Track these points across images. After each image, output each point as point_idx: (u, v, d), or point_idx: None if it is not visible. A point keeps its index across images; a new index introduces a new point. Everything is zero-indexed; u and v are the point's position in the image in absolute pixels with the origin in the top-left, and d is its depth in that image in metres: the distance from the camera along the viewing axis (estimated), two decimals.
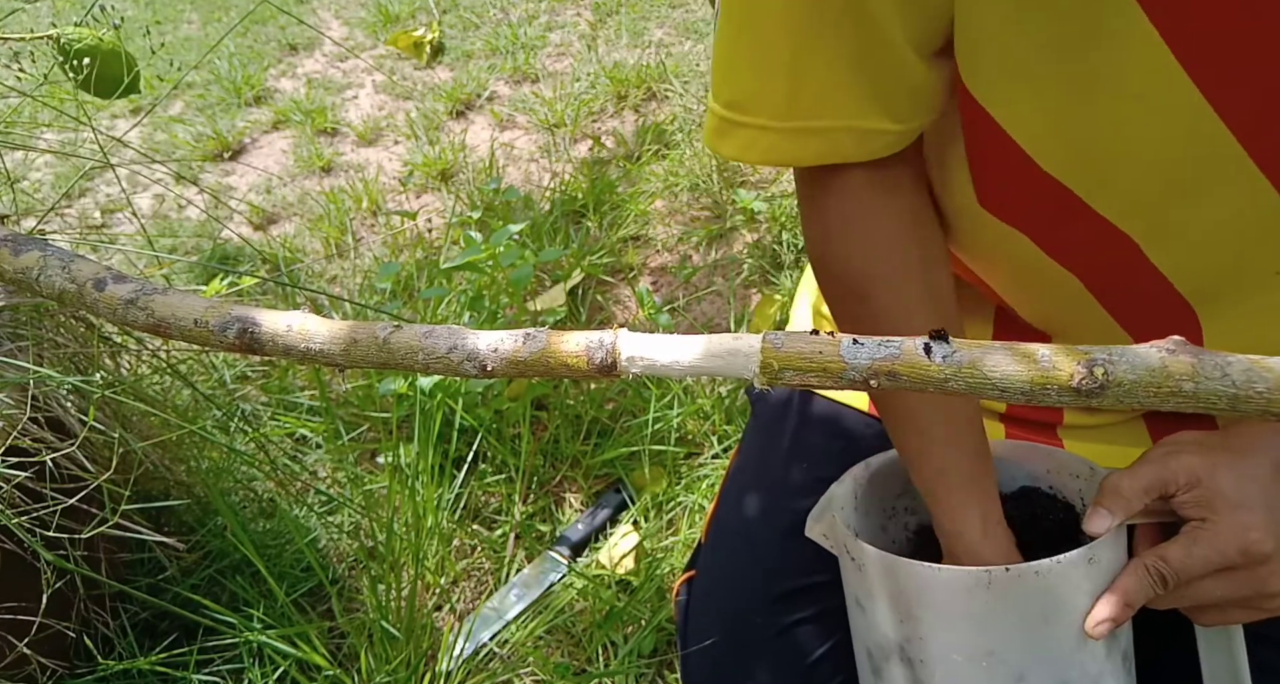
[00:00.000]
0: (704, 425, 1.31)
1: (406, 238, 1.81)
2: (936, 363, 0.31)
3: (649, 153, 1.87)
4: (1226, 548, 0.53)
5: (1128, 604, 0.55)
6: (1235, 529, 0.53)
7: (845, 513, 0.68)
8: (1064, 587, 0.56)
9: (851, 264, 0.62)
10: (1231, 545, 0.53)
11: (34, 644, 0.84)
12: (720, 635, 0.74)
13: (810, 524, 0.67)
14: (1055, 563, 0.55)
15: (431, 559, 1.14)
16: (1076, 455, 0.67)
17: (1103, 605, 0.56)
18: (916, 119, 0.58)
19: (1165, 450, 0.57)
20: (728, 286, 1.55)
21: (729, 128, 0.59)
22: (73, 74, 0.76)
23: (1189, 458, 0.56)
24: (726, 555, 0.79)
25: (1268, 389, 0.28)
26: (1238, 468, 0.55)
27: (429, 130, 2.13)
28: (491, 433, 1.27)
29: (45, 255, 0.42)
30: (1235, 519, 0.53)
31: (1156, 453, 0.57)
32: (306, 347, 0.37)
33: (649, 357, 0.34)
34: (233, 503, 1.20)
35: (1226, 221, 0.55)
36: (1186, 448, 0.57)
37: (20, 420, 0.80)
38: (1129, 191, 0.55)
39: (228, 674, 0.98)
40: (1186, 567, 0.54)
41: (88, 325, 0.96)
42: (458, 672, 1.02)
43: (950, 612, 0.58)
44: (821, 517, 0.67)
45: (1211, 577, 0.54)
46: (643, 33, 2.28)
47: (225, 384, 1.46)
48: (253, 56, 2.57)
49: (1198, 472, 0.55)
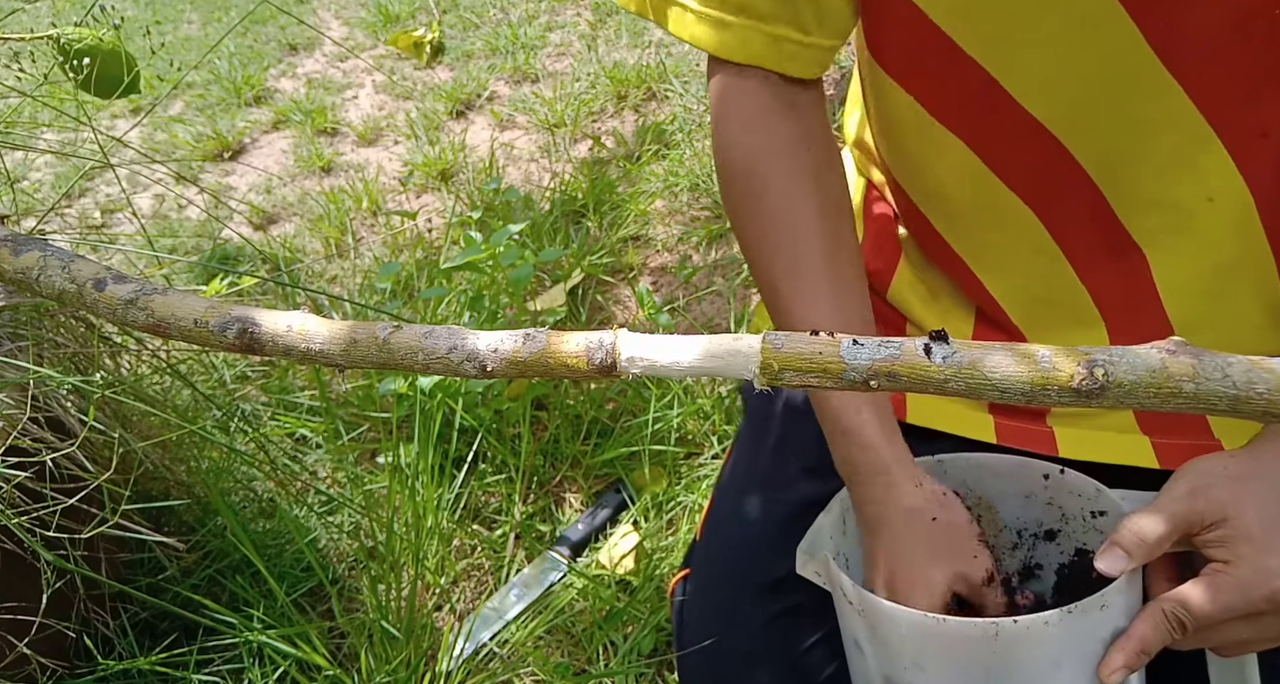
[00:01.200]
0: (704, 425, 1.31)
1: (406, 238, 1.81)
2: (936, 364, 0.31)
3: (649, 153, 1.87)
4: (1252, 595, 0.51)
5: (1144, 651, 0.54)
6: (1261, 575, 0.51)
7: (836, 542, 0.68)
8: (1076, 634, 0.54)
9: (746, 162, 0.68)
10: (1257, 593, 0.51)
11: (34, 644, 0.84)
12: (715, 628, 0.75)
13: (802, 561, 0.67)
14: (1066, 612, 0.53)
15: (431, 559, 1.14)
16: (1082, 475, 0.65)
17: (1118, 653, 0.54)
18: (822, 35, 0.64)
19: (1192, 485, 0.55)
20: (728, 286, 1.55)
21: (665, 3, 0.66)
22: (73, 74, 0.75)
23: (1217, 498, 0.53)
24: (719, 549, 0.79)
25: (1268, 390, 0.28)
26: (1263, 498, 0.53)
27: (429, 130, 2.13)
28: (491, 433, 1.27)
29: (45, 255, 0.42)
30: (1261, 564, 0.51)
31: (1182, 489, 0.55)
32: (306, 347, 0.37)
33: (649, 357, 0.34)
34: (233, 503, 1.20)
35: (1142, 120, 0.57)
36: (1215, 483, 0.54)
37: (20, 420, 0.80)
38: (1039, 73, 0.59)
39: (228, 674, 0.98)
40: (1208, 614, 0.52)
41: (88, 325, 0.96)
42: (458, 672, 1.02)
43: (955, 662, 0.56)
44: (813, 552, 0.66)
45: (1234, 621, 0.53)
46: (643, 33, 2.28)
47: (225, 384, 1.46)
48: (253, 56, 2.57)
49: (1226, 510, 0.53)
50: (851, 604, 0.60)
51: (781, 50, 0.64)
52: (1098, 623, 0.54)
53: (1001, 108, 0.61)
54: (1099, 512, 0.65)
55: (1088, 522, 0.66)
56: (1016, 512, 0.70)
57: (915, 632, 0.57)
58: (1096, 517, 0.65)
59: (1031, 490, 0.68)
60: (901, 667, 0.58)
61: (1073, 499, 0.66)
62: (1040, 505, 0.68)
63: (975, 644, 0.55)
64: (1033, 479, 0.67)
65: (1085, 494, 0.65)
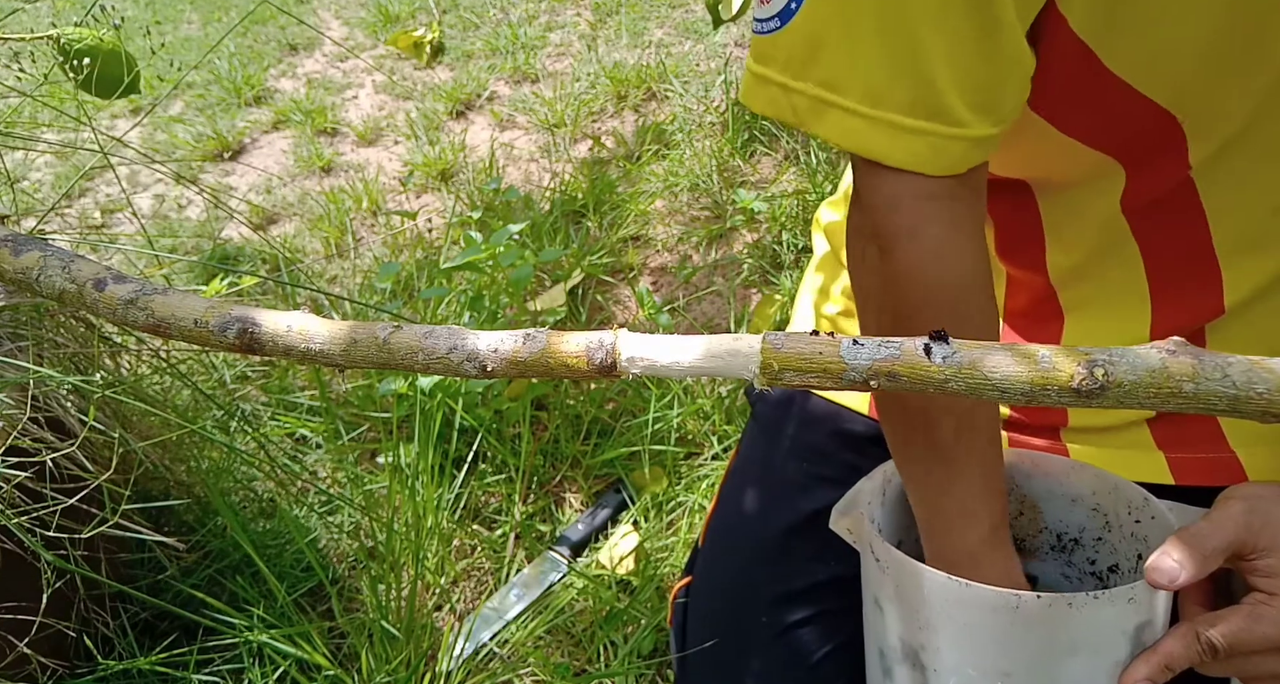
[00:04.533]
0: (704, 425, 1.31)
1: (406, 238, 1.81)
2: (936, 364, 0.31)
3: (649, 153, 1.86)
4: None
5: (1168, 668, 0.53)
6: None
7: (872, 508, 0.67)
8: (1097, 623, 0.54)
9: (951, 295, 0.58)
10: None
11: (34, 644, 0.84)
12: (720, 638, 0.74)
13: (835, 517, 0.66)
14: (1092, 598, 0.53)
15: (431, 559, 1.14)
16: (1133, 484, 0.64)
17: (1141, 664, 0.53)
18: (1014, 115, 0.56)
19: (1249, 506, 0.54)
20: (728, 286, 1.55)
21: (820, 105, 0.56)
22: (73, 74, 0.75)
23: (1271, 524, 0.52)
24: (725, 556, 0.78)
25: (1268, 390, 0.28)
26: None
27: (429, 130, 2.13)
28: (491, 433, 1.27)
29: (45, 255, 0.42)
30: None
31: (1238, 508, 0.54)
32: (306, 347, 0.37)
33: (649, 357, 0.34)
34: (233, 503, 1.20)
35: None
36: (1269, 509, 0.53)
37: (20, 420, 0.80)
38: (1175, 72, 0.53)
39: (228, 674, 0.98)
40: (1243, 642, 0.51)
41: (88, 325, 0.96)
42: (458, 672, 1.02)
43: (972, 628, 0.56)
44: (848, 511, 0.65)
45: (1268, 654, 0.52)
46: (643, 33, 2.28)
47: (225, 384, 1.46)
48: (253, 56, 2.57)
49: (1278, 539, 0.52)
50: (879, 561, 0.60)
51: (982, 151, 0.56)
52: (1122, 615, 0.54)
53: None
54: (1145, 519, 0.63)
55: (1131, 533, 0.65)
56: (1061, 514, 0.69)
57: (938, 592, 0.56)
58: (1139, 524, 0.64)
59: (1079, 494, 0.67)
60: (918, 626, 0.58)
61: (1120, 508, 0.65)
62: (1086, 510, 0.67)
63: (994, 614, 0.55)
64: (1083, 483, 0.67)
65: (1134, 503, 0.64)
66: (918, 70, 0.52)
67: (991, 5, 0.51)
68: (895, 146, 0.55)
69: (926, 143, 0.54)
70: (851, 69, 0.54)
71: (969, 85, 0.53)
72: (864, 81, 0.54)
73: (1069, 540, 0.69)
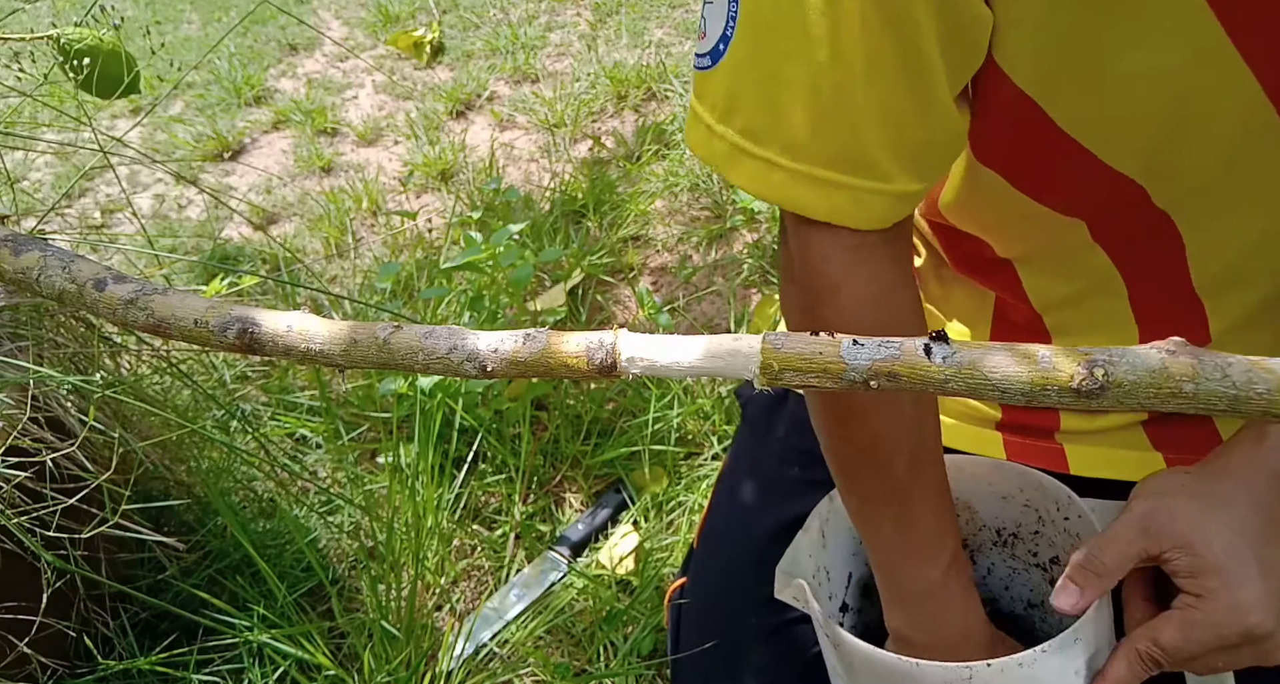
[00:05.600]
0: (704, 425, 1.31)
1: (406, 238, 1.81)
2: (936, 364, 0.31)
3: (649, 153, 1.86)
4: (1225, 632, 0.51)
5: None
6: (1234, 612, 0.50)
7: (815, 559, 0.67)
8: (1050, 671, 0.54)
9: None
10: (1231, 630, 0.51)
11: (34, 644, 0.84)
12: (714, 638, 0.74)
13: (781, 583, 0.66)
14: (1040, 652, 0.53)
15: (431, 559, 1.14)
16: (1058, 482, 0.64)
17: None
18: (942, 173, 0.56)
19: (1147, 504, 0.54)
20: (728, 286, 1.55)
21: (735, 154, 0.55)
22: (73, 74, 0.75)
23: (1175, 523, 0.52)
24: (719, 557, 0.79)
25: (1268, 390, 0.28)
26: (1227, 525, 0.52)
27: (429, 130, 2.13)
28: (491, 433, 1.27)
29: (45, 255, 0.42)
30: (1232, 599, 0.51)
31: (1136, 512, 0.54)
32: (306, 347, 0.37)
33: (649, 357, 0.34)
34: (233, 503, 1.20)
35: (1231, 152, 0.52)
36: (1174, 504, 0.53)
37: (20, 420, 0.80)
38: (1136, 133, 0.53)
39: (228, 674, 0.98)
40: (1182, 649, 0.52)
41: (88, 325, 0.96)
42: (458, 672, 1.02)
43: None
44: (792, 573, 0.65)
45: (1211, 654, 0.52)
46: (643, 33, 2.28)
47: (225, 384, 1.46)
48: (253, 56, 2.57)
49: (1187, 536, 0.52)
50: (828, 637, 0.60)
51: (908, 205, 0.55)
52: (1071, 656, 0.54)
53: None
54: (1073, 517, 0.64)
55: (1064, 529, 0.65)
56: (995, 511, 0.69)
57: (890, 674, 0.56)
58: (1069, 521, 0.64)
59: (1008, 493, 0.67)
60: None
61: (1049, 504, 0.65)
62: (1018, 507, 0.68)
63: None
64: (1008, 482, 0.67)
65: (1060, 501, 0.64)
66: (843, 124, 0.51)
67: (921, 63, 0.50)
68: (815, 199, 0.53)
69: (848, 196, 0.53)
70: (774, 120, 0.52)
71: (898, 140, 0.52)
72: (786, 133, 0.52)
73: (1008, 535, 0.70)
